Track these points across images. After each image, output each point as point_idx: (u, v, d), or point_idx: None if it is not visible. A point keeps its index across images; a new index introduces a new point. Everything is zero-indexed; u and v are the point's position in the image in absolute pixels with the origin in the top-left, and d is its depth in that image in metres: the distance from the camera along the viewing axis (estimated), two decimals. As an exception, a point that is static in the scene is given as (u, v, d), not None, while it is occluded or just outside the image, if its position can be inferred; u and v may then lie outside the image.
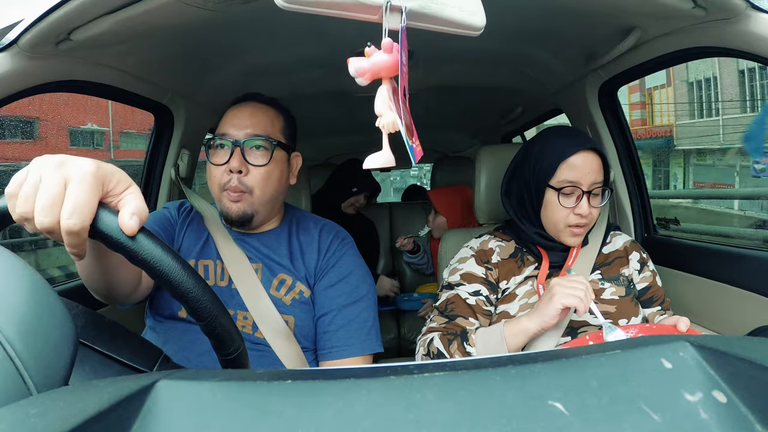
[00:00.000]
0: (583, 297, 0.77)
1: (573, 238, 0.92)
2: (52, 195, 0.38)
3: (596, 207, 0.91)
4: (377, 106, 0.44)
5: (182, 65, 1.13)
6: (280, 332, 0.82)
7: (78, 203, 0.38)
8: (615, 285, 0.93)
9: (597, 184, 0.90)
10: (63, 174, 0.39)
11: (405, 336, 1.95)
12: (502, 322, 0.85)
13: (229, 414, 0.26)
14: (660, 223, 1.38)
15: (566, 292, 0.77)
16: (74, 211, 0.38)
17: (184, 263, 0.42)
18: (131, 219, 0.39)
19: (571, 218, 0.90)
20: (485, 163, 1.21)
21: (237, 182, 0.82)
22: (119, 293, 0.65)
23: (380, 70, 0.44)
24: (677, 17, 0.86)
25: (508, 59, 1.34)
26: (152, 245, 0.41)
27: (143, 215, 0.41)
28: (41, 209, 0.38)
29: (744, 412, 0.25)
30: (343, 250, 0.90)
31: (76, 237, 0.39)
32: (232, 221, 0.85)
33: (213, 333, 0.43)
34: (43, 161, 0.40)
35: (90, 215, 0.38)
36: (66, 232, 0.38)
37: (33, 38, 0.73)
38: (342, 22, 0.49)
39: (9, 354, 0.29)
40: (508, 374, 0.28)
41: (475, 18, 0.48)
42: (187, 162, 1.34)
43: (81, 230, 0.38)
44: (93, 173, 0.39)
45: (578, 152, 0.90)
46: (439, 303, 0.96)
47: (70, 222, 0.38)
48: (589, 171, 0.89)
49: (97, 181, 0.39)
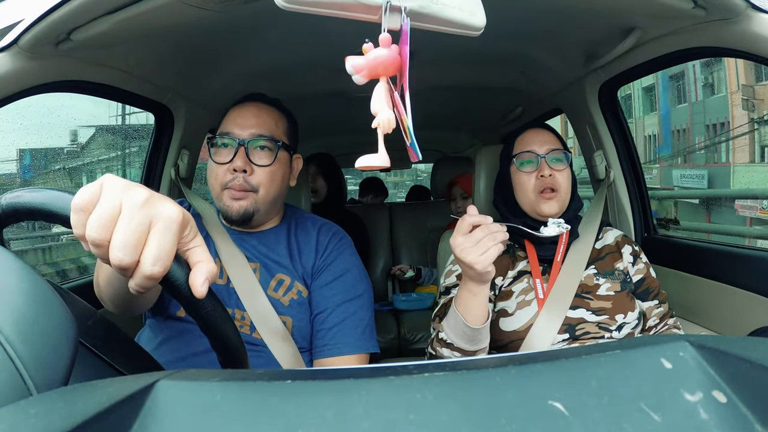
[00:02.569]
0: (474, 252, 0.72)
1: (547, 204, 0.94)
2: (138, 235, 0.36)
3: (559, 170, 0.95)
4: (373, 104, 0.44)
5: (182, 65, 1.13)
6: (278, 333, 0.82)
7: (162, 251, 0.36)
8: (610, 280, 0.93)
9: (554, 150, 0.96)
10: (149, 214, 0.36)
11: (405, 336, 1.95)
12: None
13: (229, 414, 0.26)
14: (660, 223, 1.38)
15: (459, 254, 0.74)
16: (158, 259, 0.36)
17: (233, 328, 0.44)
18: (203, 286, 0.38)
19: (537, 183, 0.95)
20: (485, 163, 1.21)
21: (243, 181, 0.82)
22: (133, 311, 0.68)
23: (377, 66, 0.43)
24: (677, 17, 0.86)
25: (508, 59, 1.34)
26: (213, 307, 0.42)
27: (213, 278, 0.40)
28: (123, 246, 0.35)
29: (744, 412, 0.25)
30: (341, 249, 0.90)
31: (152, 282, 0.37)
32: (232, 220, 0.85)
33: (227, 360, 0.45)
34: (122, 187, 0.37)
35: (170, 263, 0.37)
36: (147, 277, 0.36)
37: (33, 38, 0.73)
38: (342, 23, 0.49)
39: (9, 354, 0.29)
40: (508, 374, 0.28)
41: (475, 18, 0.48)
42: (186, 162, 1.34)
43: (160, 277, 0.37)
44: (179, 222, 0.38)
45: (528, 130, 1.01)
46: (437, 310, 0.96)
47: (154, 269, 0.36)
48: (540, 140, 0.98)
49: (181, 230, 0.38)
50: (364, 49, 0.44)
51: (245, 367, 0.45)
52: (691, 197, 8.87)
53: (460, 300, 0.81)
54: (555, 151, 0.96)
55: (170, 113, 1.28)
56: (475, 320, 0.79)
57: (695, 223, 7.16)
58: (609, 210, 1.36)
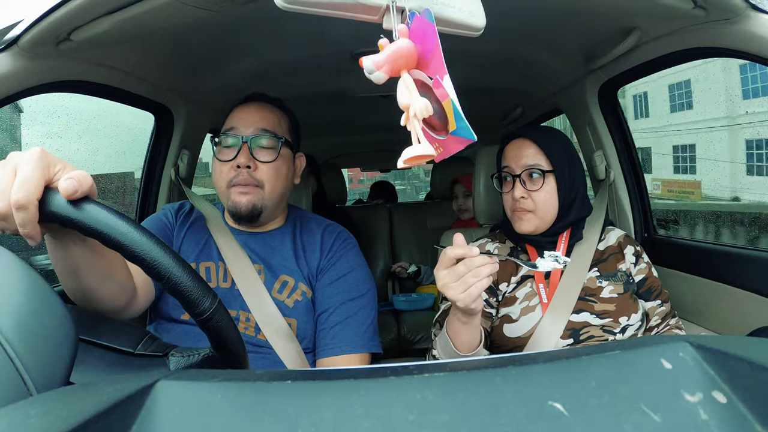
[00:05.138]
0: (456, 289, 0.66)
1: (519, 223, 0.92)
2: (3, 182, 0.42)
3: (534, 190, 0.90)
4: (402, 98, 0.43)
5: (182, 65, 1.13)
6: (283, 334, 0.81)
7: (23, 179, 0.41)
8: (613, 282, 0.92)
9: (530, 168, 0.91)
10: (11, 164, 0.42)
11: (405, 336, 1.95)
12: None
13: (229, 414, 0.25)
14: (660, 224, 1.38)
15: (440, 288, 0.69)
16: (20, 187, 0.41)
17: (133, 223, 0.43)
18: (66, 181, 0.42)
19: (512, 203, 0.93)
20: (485, 164, 1.21)
21: (247, 175, 0.83)
22: (106, 307, 0.62)
23: (398, 59, 0.43)
24: (677, 18, 0.86)
25: (508, 59, 1.34)
26: (97, 209, 0.42)
27: (83, 180, 0.43)
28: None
29: (744, 412, 0.25)
30: (345, 249, 0.90)
31: (24, 211, 0.41)
32: (241, 216, 0.84)
33: (176, 290, 0.43)
34: None
35: (36, 189, 0.41)
36: (15, 206, 0.41)
37: (33, 38, 0.73)
38: (342, 23, 0.49)
39: (9, 354, 0.29)
40: (508, 375, 0.28)
41: (475, 18, 0.48)
42: (186, 162, 1.34)
43: (27, 203, 0.41)
44: (38, 155, 0.42)
45: (510, 142, 0.96)
46: (438, 315, 0.96)
47: (17, 195, 0.40)
48: (517, 156, 0.93)
49: (42, 162, 0.42)
50: (381, 45, 0.44)
51: (207, 297, 0.44)
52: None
53: (450, 324, 0.76)
54: (531, 168, 0.91)
55: (170, 113, 1.27)
56: (464, 347, 0.75)
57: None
58: (609, 210, 1.36)
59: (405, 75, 0.44)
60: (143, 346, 0.48)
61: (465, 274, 0.65)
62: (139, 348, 0.48)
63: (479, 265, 0.65)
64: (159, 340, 0.50)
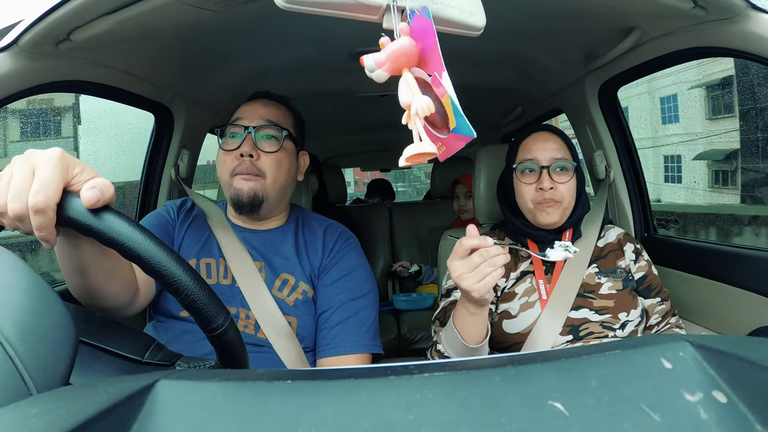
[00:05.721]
0: (472, 279, 0.67)
1: (544, 215, 0.92)
2: (21, 181, 0.40)
3: (562, 182, 0.91)
4: (403, 97, 0.43)
5: (182, 65, 1.13)
6: (283, 332, 0.81)
7: (42, 181, 0.40)
8: (612, 279, 0.93)
9: (558, 160, 0.92)
10: (30, 163, 0.41)
11: (405, 336, 1.95)
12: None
13: (229, 414, 0.25)
14: (660, 223, 1.38)
15: (455, 279, 0.69)
16: (39, 190, 0.40)
17: (153, 237, 0.42)
18: (89, 191, 0.41)
19: (536, 195, 0.92)
20: (485, 163, 1.21)
21: (249, 164, 0.84)
22: (109, 304, 0.62)
23: (400, 57, 0.43)
24: (677, 17, 0.86)
25: (508, 59, 1.34)
26: (117, 220, 0.41)
27: (105, 190, 0.42)
28: (12, 198, 0.40)
29: (744, 412, 0.25)
30: (347, 249, 0.90)
31: (42, 215, 0.40)
32: (242, 204, 0.84)
33: (193, 307, 0.43)
34: (14, 159, 0.42)
35: (55, 193, 0.40)
36: (33, 209, 0.40)
37: (33, 38, 0.73)
38: (342, 23, 0.49)
39: (9, 354, 0.29)
40: (508, 374, 0.28)
41: (475, 18, 0.48)
42: (187, 162, 1.34)
43: (46, 207, 0.40)
44: (58, 157, 0.41)
45: (532, 134, 0.96)
46: (438, 313, 0.96)
47: (36, 199, 0.40)
48: (544, 148, 0.93)
49: (62, 165, 0.41)
50: (381, 44, 0.44)
51: (221, 315, 0.44)
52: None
53: (457, 316, 0.77)
54: (559, 160, 0.92)
55: (170, 113, 1.27)
56: (472, 339, 0.76)
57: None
58: (609, 209, 1.36)
59: (406, 73, 0.44)
60: (150, 355, 0.49)
61: (480, 264, 0.66)
62: (147, 356, 0.48)
63: (494, 255, 0.67)
64: (165, 349, 0.51)
